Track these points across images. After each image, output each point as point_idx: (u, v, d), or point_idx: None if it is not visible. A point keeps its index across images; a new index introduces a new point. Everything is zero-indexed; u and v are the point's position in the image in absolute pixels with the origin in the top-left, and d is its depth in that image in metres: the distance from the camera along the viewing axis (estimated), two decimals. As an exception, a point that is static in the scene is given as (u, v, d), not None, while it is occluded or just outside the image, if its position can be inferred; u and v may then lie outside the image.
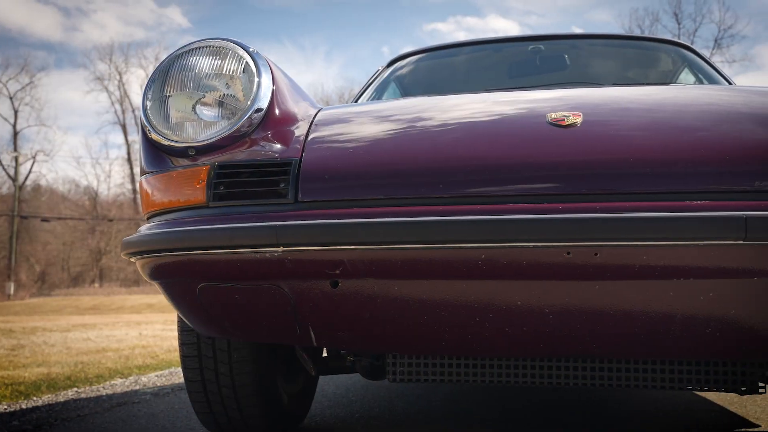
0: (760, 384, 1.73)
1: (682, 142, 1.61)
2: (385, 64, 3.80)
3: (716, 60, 33.23)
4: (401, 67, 3.66)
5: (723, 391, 1.77)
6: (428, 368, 1.85)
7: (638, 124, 1.72)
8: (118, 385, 4.04)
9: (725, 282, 1.50)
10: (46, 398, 3.48)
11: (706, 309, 1.53)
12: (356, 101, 3.46)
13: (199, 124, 1.83)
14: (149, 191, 1.88)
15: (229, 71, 1.86)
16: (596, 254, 1.47)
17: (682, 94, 2.07)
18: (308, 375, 2.52)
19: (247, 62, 1.87)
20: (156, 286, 1.93)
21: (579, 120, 1.68)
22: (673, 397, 3.36)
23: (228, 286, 1.72)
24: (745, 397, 3.28)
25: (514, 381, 1.82)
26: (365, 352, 2.03)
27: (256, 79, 1.85)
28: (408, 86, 3.52)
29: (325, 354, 2.45)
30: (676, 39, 3.84)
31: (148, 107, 1.86)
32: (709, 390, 1.77)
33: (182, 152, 1.82)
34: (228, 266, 1.68)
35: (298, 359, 2.38)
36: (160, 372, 4.68)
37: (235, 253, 1.65)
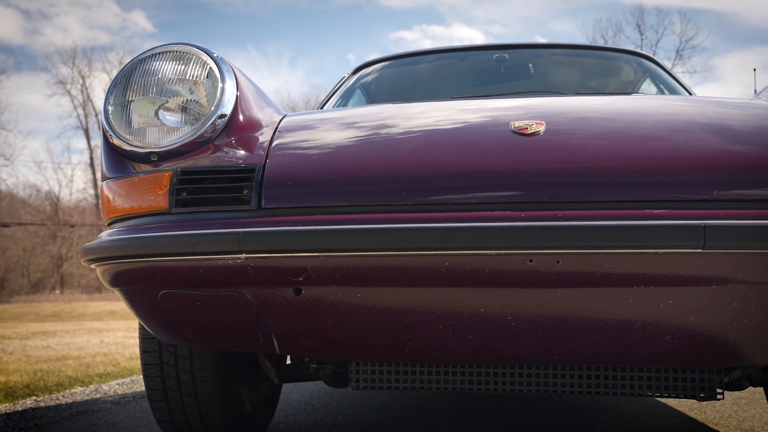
0: (718, 390, 1.76)
1: (643, 152, 1.63)
2: (351, 71, 3.80)
3: (678, 71, 33.76)
4: (367, 75, 3.67)
5: (683, 398, 1.80)
6: (391, 375, 1.84)
7: (600, 133, 1.74)
8: (78, 393, 3.98)
9: (684, 290, 1.52)
10: (3, 407, 3.42)
11: (666, 316, 1.55)
12: (322, 108, 3.46)
13: (162, 129, 1.82)
14: (110, 197, 1.86)
15: (193, 76, 1.85)
16: (558, 262, 1.49)
17: (643, 104, 2.09)
18: (271, 382, 2.51)
19: (210, 67, 1.86)
20: (116, 293, 1.91)
21: (542, 129, 1.69)
22: (635, 402, 3.39)
23: (190, 293, 1.70)
24: (705, 402, 3.33)
25: (476, 388, 1.82)
26: (328, 359, 2.03)
27: (220, 85, 1.84)
28: (373, 93, 3.53)
29: (289, 361, 2.44)
30: (638, 50, 3.89)
31: (110, 112, 1.84)
32: (668, 396, 1.79)
33: (144, 158, 1.80)
34: (190, 273, 1.66)
35: (261, 367, 2.36)
36: (122, 380, 4.61)
37: (198, 259, 1.63)
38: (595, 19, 58.53)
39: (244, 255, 1.58)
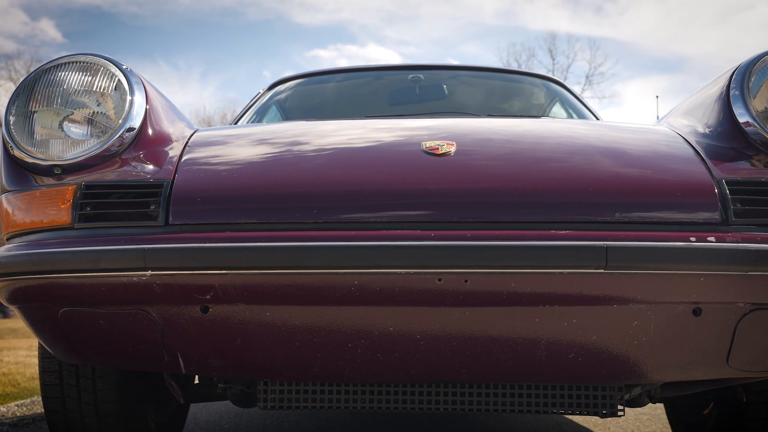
0: (620, 407, 1.80)
1: (548, 174, 1.68)
2: (266, 87, 3.78)
3: (587, 95, 34.84)
4: (282, 91, 3.65)
5: (586, 414, 1.84)
6: (300, 395, 1.82)
7: (508, 155, 1.78)
8: (-27, 415, 3.80)
9: (587, 309, 1.56)
10: None
11: (569, 335, 1.59)
12: (236, 123, 3.43)
13: (67, 141, 1.77)
14: (10, 210, 1.79)
15: (100, 88, 1.81)
16: (466, 281, 1.51)
17: (551, 127, 2.15)
18: (178, 403, 2.45)
19: (119, 79, 1.82)
20: (15, 310, 1.83)
21: (453, 149, 1.72)
22: (543, 419, 3.45)
23: (92, 311, 1.65)
24: (609, 419, 3.41)
25: (386, 407, 1.82)
26: (236, 378, 1.99)
27: (129, 97, 1.80)
28: (288, 110, 3.51)
29: (197, 380, 2.38)
30: (549, 74, 4.00)
31: (12, 122, 1.78)
32: (572, 413, 1.83)
33: (47, 170, 1.75)
34: (93, 290, 1.61)
35: (167, 386, 2.30)
36: (21, 401, 4.42)
37: (101, 276, 1.59)
38: (509, 43, 59.99)
39: (149, 272, 1.55)
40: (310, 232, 1.56)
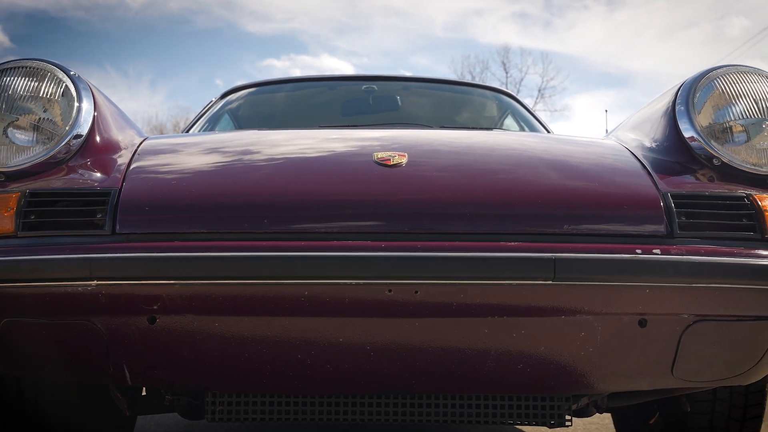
0: (567, 417, 1.82)
1: (498, 186, 1.70)
2: (218, 95, 3.75)
3: (539, 108, 35.31)
4: (234, 100, 3.63)
5: (534, 425, 1.85)
6: (248, 407, 1.80)
7: (459, 167, 1.79)
8: None
9: (535, 320, 1.57)
10: None
11: (518, 346, 1.60)
12: (188, 132, 3.40)
13: (11, 148, 1.73)
14: (-50, 218, 1.74)
15: (47, 94, 1.78)
16: (416, 292, 1.51)
17: (502, 140, 2.17)
18: (124, 415, 2.40)
19: (66, 85, 1.80)
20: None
21: (404, 160, 1.72)
22: (494, 429, 3.47)
23: (35, 321, 1.62)
24: (558, 429, 3.44)
25: (335, 418, 1.81)
26: (184, 390, 1.96)
27: (76, 104, 1.78)
28: (240, 119, 3.49)
29: (145, 392, 2.34)
30: (501, 87, 4.05)
31: None
32: (521, 424, 1.84)
33: None
34: (36, 301, 1.58)
35: (113, 398, 2.26)
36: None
37: (45, 286, 1.55)
38: (463, 55, 60.58)
39: (95, 282, 1.52)
40: (259, 242, 1.55)
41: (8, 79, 1.77)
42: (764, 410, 2.18)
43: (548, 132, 3.47)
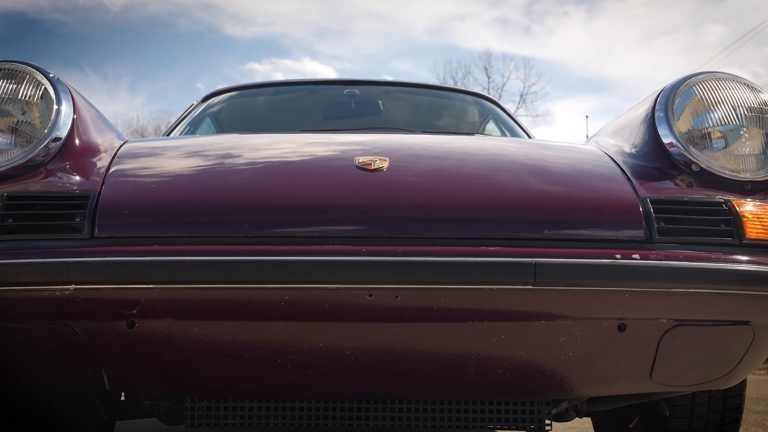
0: (547, 422, 1.83)
1: (480, 191, 1.70)
2: (199, 99, 3.73)
3: (521, 113, 35.42)
4: (215, 104, 3.61)
5: (514, 430, 1.85)
6: (228, 412, 1.79)
7: (441, 171, 1.79)
8: None
9: (516, 325, 1.58)
10: None
11: (498, 350, 1.60)
12: (168, 135, 3.38)
13: None
14: (-74, 222, 1.72)
15: (26, 96, 1.77)
16: (397, 297, 1.51)
17: (483, 145, 2.18)
18: (102, 421, 2.38)
19: (45, 88, 1.78)
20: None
21: (385, 165, 1.72)
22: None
23: (13, 326, 1.60)
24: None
25: (315, 423, 1.80)
26: (163, 395, 1.95)
27: (55, 107, 1.76)
28: (222, 122, 3.48)
29: (123, 397, 2.33)
30: (483, 92, 4.06)
31: None
32: (501, 429, 1.85)
33: None
34: (13, 305, 1.56)
35: (91, 403, 2.24)
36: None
37: (23, 290, 1.54)
38: (446, 60, 60.70)
39: (73, 286, 1.50)
40: (239, 246, 1.54)
41: None
42: (742, 414, 2.20)
43: (529, 137, 3.49)
